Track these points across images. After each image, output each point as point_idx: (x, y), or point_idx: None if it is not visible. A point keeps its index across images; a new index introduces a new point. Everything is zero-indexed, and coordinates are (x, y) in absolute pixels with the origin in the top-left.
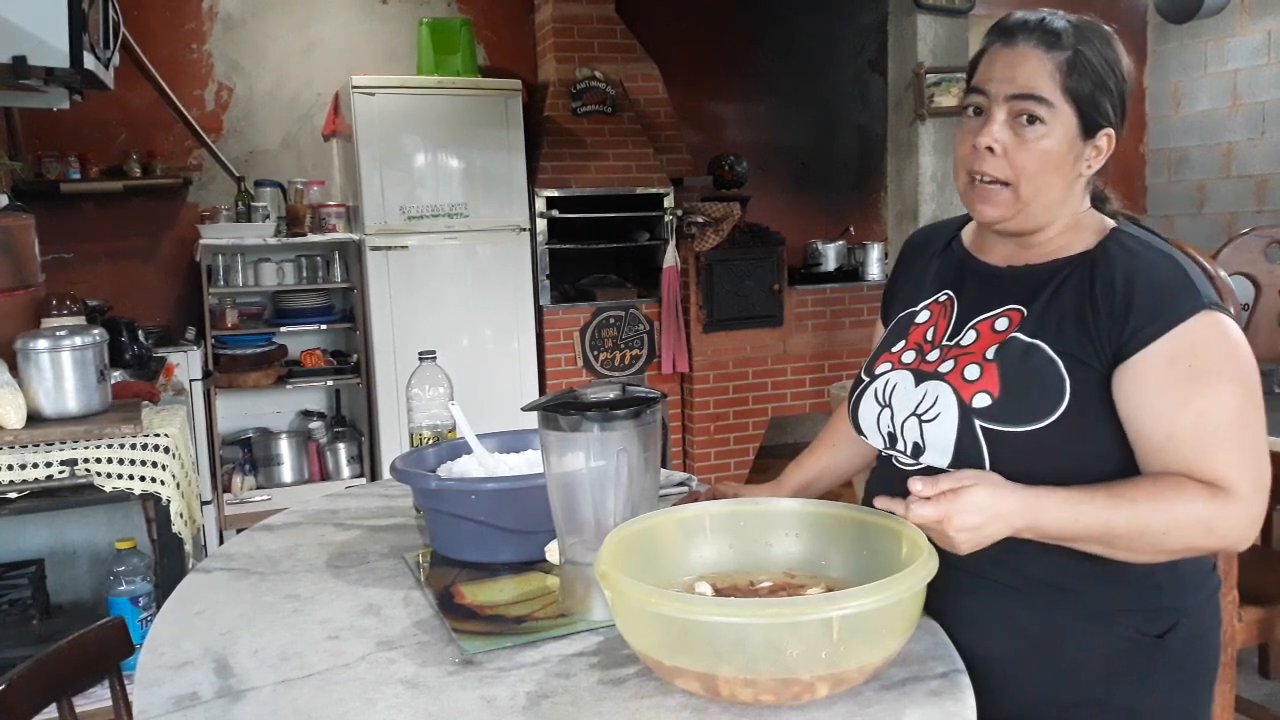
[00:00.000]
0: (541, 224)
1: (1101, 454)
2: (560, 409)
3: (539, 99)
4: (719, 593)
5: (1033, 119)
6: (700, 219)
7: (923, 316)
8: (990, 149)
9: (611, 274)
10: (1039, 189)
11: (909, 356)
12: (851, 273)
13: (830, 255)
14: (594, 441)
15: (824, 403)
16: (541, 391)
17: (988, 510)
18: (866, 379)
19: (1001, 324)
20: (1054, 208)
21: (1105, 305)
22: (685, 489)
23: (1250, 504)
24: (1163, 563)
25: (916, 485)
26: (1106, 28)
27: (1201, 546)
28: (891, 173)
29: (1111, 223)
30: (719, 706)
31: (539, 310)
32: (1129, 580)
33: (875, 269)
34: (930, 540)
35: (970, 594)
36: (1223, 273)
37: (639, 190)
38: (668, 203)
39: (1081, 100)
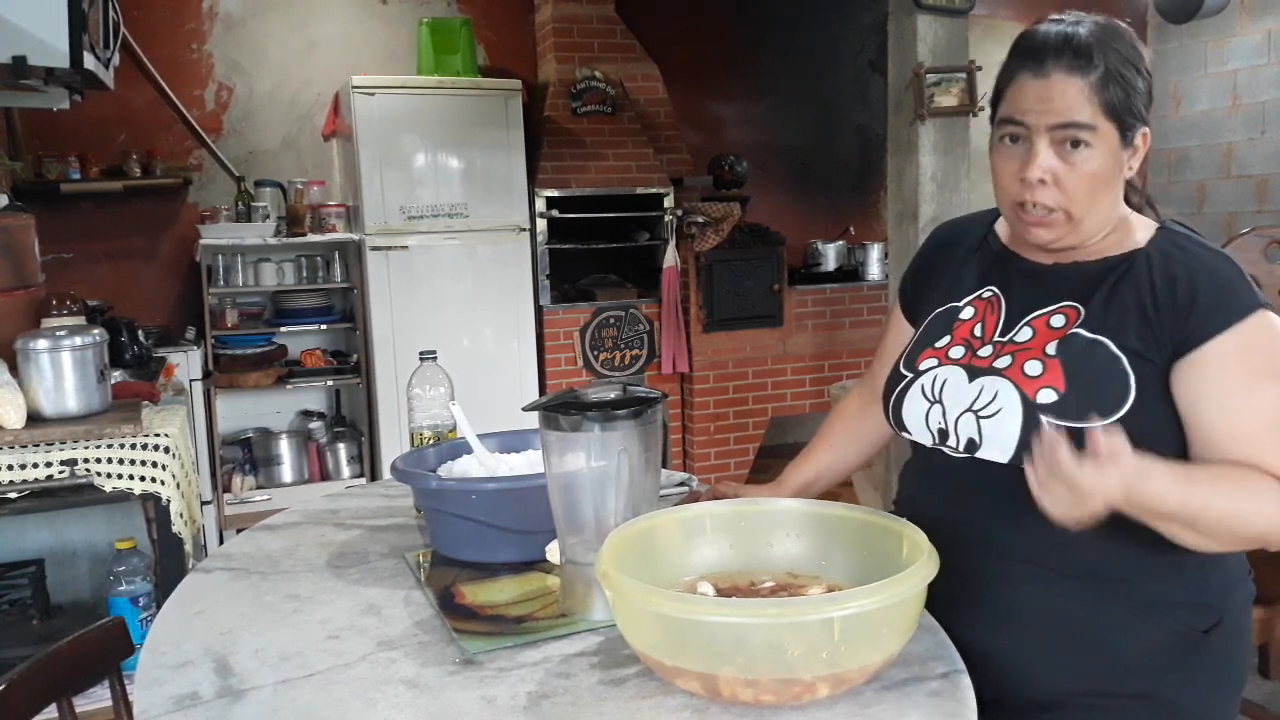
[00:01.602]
0: (541, 224)
1: (1165, 449)
2: (561, 409)
3: (539, 99)
4: (720, 593)
5: (1077, 143)
6: (700, 219)
7: (967, 313)
8: (1043, 181)
9: (611, 274)
10: (1091, 207)
11: (957, 352)
12: (851, 273)
13: (830, 255)
14: (595, 441)
15: (824, 403)
16: (542, 391)
17: (1127, 480)
18: (909, 374)
19: (1058, 320)
20: (1106, 220)
21: (1167, 301)
22: (685, 489)
23: None
24: (1210, 559)
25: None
26: (1123, 25)
27: (1268, 538)
28: (891, 173)
29: (1154, 223)
30: (720, 707)
31: (539, 310)
32: (1181, 572)
33: (875, 269)
34: (950, 532)
35: (1021, 583)
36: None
37: (639, 190)
38: (668, 203)
39: (1118, 112)
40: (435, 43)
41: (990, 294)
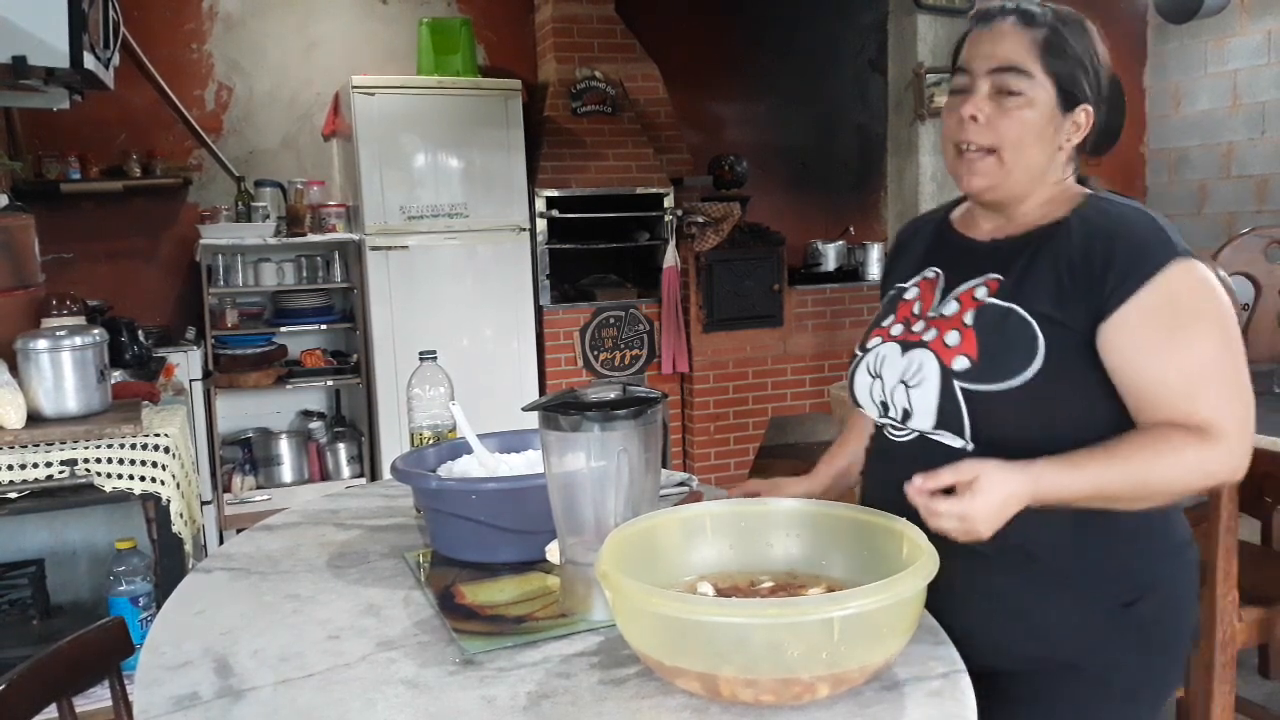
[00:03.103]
0: (541, 224)
1: (1081, 411)
2: (561, 409)
3: (539, 99)
4: (720, 593)
5: (1014, 91)
6: (700, 219)
7: (911, 293)
8: (975, 118)
9: (611, 274)
10: (1020, 155)
11: (897, 329)
12: (851, 273)
13: (830, 255)
14: (594, 441)
15: (824, 403)
16: (541, 391)
17: (999, 494)
18: (860, 354)
19: (981, 292)
20: (1035, 176)
21: (1083, 267)
22: (685, 489)
23: (1238, 441)
24: (1133, 535)
25: (916, 480)
26: (1081, 16)
27: (1201, 487)
28: (891, 173)
29: (1088, 190)
30: (719, 707)
31: (539, 310)
32: (1099, 549)
33: (875, 269)
34: (932, 534)
35: (957, 559)
36: (1223, 273)
37: (639, 190)
38: (668, 203)
39: (1060, 75)
40: (435, 43)
41: (933, 273)
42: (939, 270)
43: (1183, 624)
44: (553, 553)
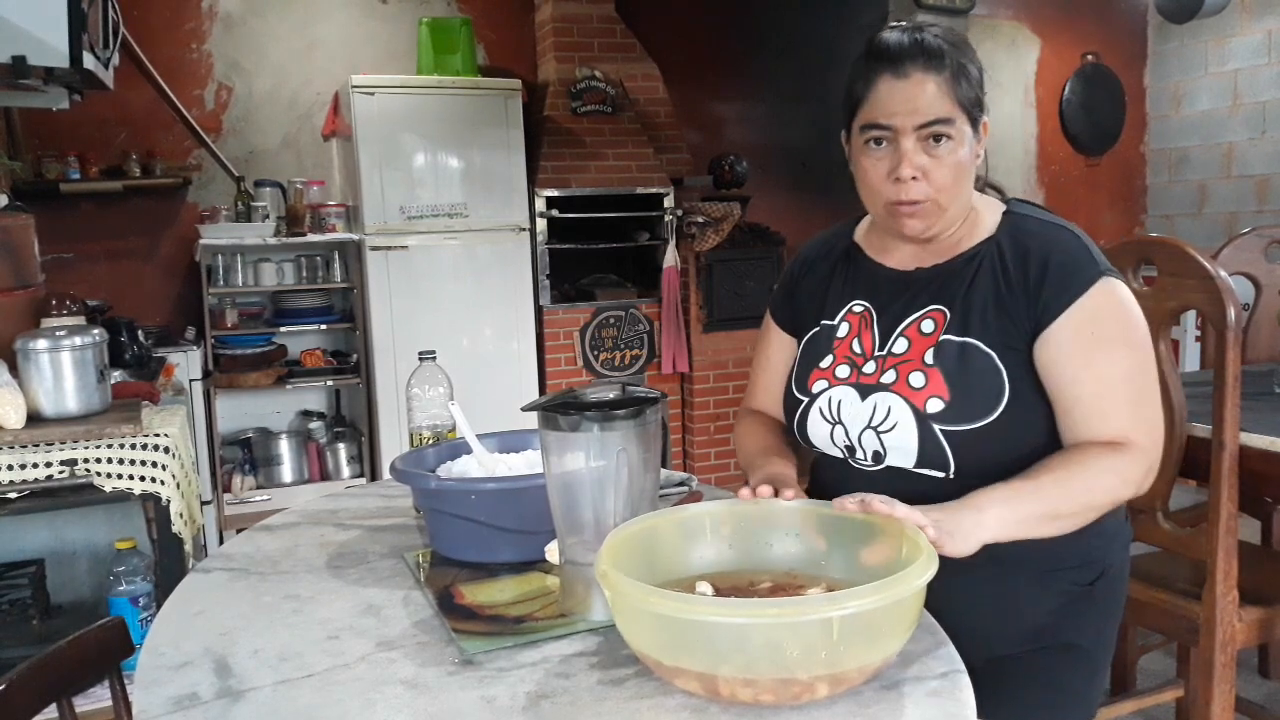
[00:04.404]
0: (541, 224)
1: (1045, 426)
2: (560, 409)
3: (539, 99)
4: (719, 593)
5: (939, 137)
6: (700, 219)
7: (843, 330)
8: (915, 179)
9: (611, 274)
10: (955, 195)
11: (843, 371)
12: None
13: None
14: (594, 441)
15: None
16: (541, 391)
17: (973, 545)
18: (805, 397)
19: (927, 326)
20: (965, 205)
21: (1020, 285)
22: (685, 489)
23: (1147, 454)
24: (1092, 523)
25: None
26: (961, 33)
27: (1121, 496)
28: None
29: (1000, 205)
30: (719, 706)
31: (539, 310)
32: (1065, 541)
33: None
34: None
35: (940, 578)
36: (1223, 273)
37: (639, 190)
38: (668, 203)
39: (968, 105)
40: (435, 42)
41: (861, 308)
42: (866, 304)
43: (1123, 593)
44: (552, 553)
